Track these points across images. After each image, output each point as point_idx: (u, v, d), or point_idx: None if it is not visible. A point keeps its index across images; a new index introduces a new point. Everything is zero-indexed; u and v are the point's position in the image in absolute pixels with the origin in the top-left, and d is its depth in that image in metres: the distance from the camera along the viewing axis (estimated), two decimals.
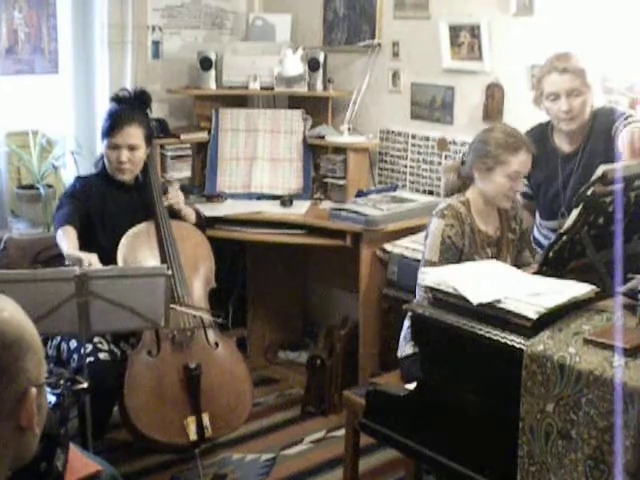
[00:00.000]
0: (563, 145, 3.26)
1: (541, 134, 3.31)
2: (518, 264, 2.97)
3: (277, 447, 3.78)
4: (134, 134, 3.49)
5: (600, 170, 2.34)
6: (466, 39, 4.09)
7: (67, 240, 3.21)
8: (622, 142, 2.90)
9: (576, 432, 1.98)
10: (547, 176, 3.28)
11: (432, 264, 2.84)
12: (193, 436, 3.16)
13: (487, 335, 2.19)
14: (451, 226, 2.90)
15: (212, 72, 4.59)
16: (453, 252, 2.89)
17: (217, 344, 3.40)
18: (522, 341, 2.12)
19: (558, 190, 3.25)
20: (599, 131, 3.17)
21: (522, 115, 3.66)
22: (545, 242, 3.32)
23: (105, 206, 3.50)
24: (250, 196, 4.54)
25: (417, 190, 4.46)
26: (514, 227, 3.10)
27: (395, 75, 4.48)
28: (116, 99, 3.66)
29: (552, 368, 2.02)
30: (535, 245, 3.39)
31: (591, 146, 3.19)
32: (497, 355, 2.17)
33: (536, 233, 3.44)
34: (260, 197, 4.54)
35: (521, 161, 2.91)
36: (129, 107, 3.60)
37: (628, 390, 1.89)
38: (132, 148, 3.48)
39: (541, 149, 3.18)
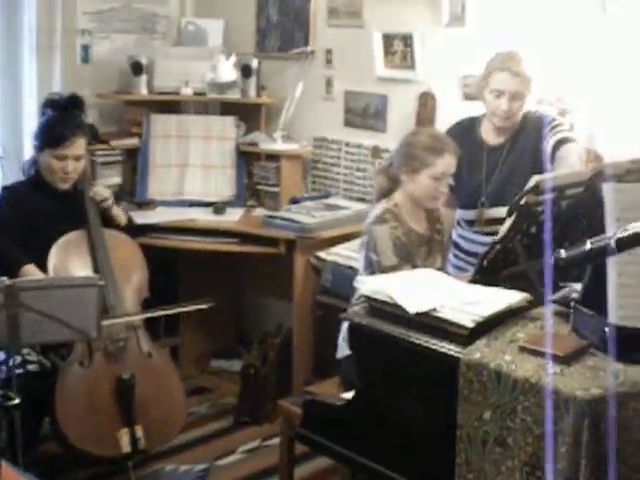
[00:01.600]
0: (490, 138, 3.33)
1: (469, 125, 3.38)
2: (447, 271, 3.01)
3: (211, 457, 3.73)
4: (80, 144, 3.47)
5: (533, 180, 2.38)
6: (399, 48, 4.13)
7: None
8: (549, 151, 3.07)
9: (513, 439, 2.00)
10: (470, 167, 3.32)
11: (392, 269, 2.85)
12: (126, 448, 3.11)
13: (424, 344, 2.20)
14: (395, 227, 2.94)
15: (143, 77, 4.53)
16: (404, 252, 2.93)
17: (150, 354, 3.36)
18: (459, 349, 2.14)
19: (480, 181, 3.30)
20: (529, 131, 3.25)
21: None
22: (463, 244, 3.37)
23: (36, 215, 3.42)
24: (182, 203, 4.50)
25: (350, 197, 4.47)
26: (439, 228, 3.15)
27: (329, 82, 4.50)
28: (50, 104, 3.59)
29: (489, 376, 2.05)
30: (454, 247, 3.42)
31: (520, 144, 3.26)
32: (434, 364, 2.18)
33: (454, 236, 3.45)
34: (192, 204, 4.50)
35: (446, 163, 2.97)
36: (69, 115, 3.55)
37: (563, 397, 1.92)
38: (77, 158, 3.46)
39: (467, 140, 3.27)
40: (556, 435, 1.92)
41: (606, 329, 2.04)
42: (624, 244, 1.35)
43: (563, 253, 1.42)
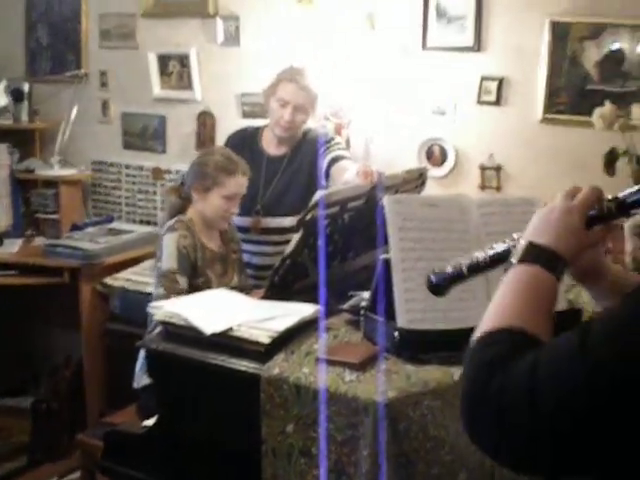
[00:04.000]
0: (271, 148, 3.41)
1: (251, 134, 3.46)
2: (246, 289, 3.03)
3: None
4: None
5: (317, 195, 2.45)
6: (175, 68, 4.13)
7: None
8: (324, 167, 3.23)
9: (316, 448, 2.05)
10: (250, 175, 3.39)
11: (172, 273, 2.83)
12: None
13: (223, 364, 2.20)
14: (184, 237, 2.92)
15: None
16: (188, 263, 2.91)
17: None
18: (258, 366, 2.16)
19: (258, 189, 3.36)
20: (309, 147, 3.36)
21: None
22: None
23: None
24: None
25: (134, 220, 4.41)
26: (234, 248, 3.17)
27: (105, 105, 4.42)
28: None
29: (289, 390, 2.08)
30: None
31: (299, 158, 3.36)
32: (235, 383, 2.19)
33: None
34: None
35: (238, 183, 3.02)
36: None
37: (361, 403, 1.98)
38: None
39: (247, 148, 3.35)
40: (357, 440, 1.99)
41: (395, 333, 2.13)
42: (497, 259, 1.40)
43: (433, 277, 1.44)
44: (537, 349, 1.06)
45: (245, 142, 3.41)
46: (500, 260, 1.36)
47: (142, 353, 3.00)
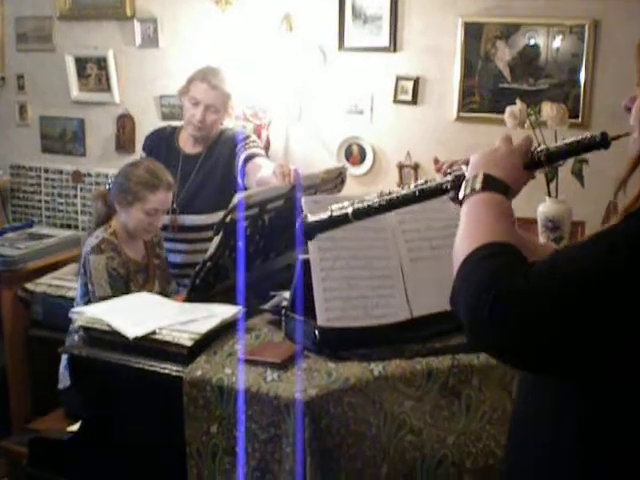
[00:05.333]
0: (187, 146, 3.42)
1: (169, 133, 3.47)
2: (169, 293, 3.04)
3: None
4: None
5: (236, 198, 2.47)
6: (93, 71, 4.10)
7: None
8: (240, 165, 3.25)
9: (240, 448, 2.08)
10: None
11: (106, 300, 2.80)
12: None
13: (146, 368, 2.22)
14: (112, 258, 2.90)
15: None
16: (121, 283, 2.90)
17: None
18: (180, 369, 2.17)
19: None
20: (224, 145, 3.38)
21: None
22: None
23: None
24: None
25: (55, 225, 4.37)
26: (158, 253, 3.17)
27: (22, 108, 4.36)
28: None
29: (212, 391, 2.11)
30: None
31: (215, 157, 3.38)
32: (159, 386, 2.21)
33: None
34: None
35: (159, 199, 2.99)
36: None
37: (283, 401, 2.02)
38: None
39: (164, 146, 3.39)
40: (280, 438, 2.03)
41: (316, 332, 2.17)
42: (360, 214, 1.54)
43: (310, 217, 1.58)
44: (554, 253, 1.21)
45: (162, 141, 3.42)
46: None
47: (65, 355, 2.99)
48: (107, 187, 3.12)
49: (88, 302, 2.86)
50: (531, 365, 1.18)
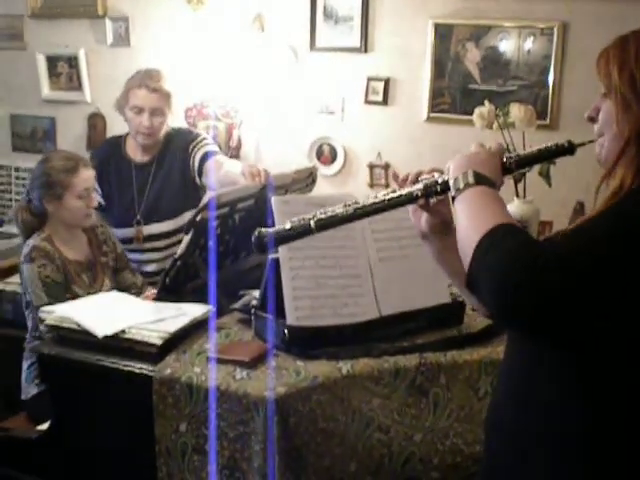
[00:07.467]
0: (136, 155, 3.37)
1: (116, 144, 3.41)
2: (122, 286, 3.02)
3: None
4: None
5: (206, 198, 2.48)
6: (64, 69, 4.09)
7: None
8: (197, 165, 3.25)
9: (209, 446, 2.09)
10: (120, 185, 3.36)
11: (45, 305, 2.77)
12: None
13: (116, 366, 2.22)
14: (44, 266, 2.83)
15: None
16: (57, 289, 2.83)
17: None
18: (150, 367, 2.18)
19: (133, 199, 3.34)
20: (175, 147, 3.34)
21: None
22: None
23: None
24: None
25: None
26: (106, 250, 3.09)
27: None
28: None
29: (181, 389, 2.12)
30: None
31: (168, 161, 3.34)
32: (129, 385, 2.21)
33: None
34: None
35: (84, 178, 2.93)
36: None
37: (252, 399, 2.03)
38: None
39: (114, 159, 3.33)
40: (249, 436, 2.04)
41: (285, 330, 2.19)
42: (322, 225, 1.54)
43: (266, 231, 1.55)
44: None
45: (110, 154, 3.36)
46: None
47: (25, 364, 2.98)
48: (25, 197, 3.02)
49: (30, 311, 2.85)
50: (566, 330, 1.27)
